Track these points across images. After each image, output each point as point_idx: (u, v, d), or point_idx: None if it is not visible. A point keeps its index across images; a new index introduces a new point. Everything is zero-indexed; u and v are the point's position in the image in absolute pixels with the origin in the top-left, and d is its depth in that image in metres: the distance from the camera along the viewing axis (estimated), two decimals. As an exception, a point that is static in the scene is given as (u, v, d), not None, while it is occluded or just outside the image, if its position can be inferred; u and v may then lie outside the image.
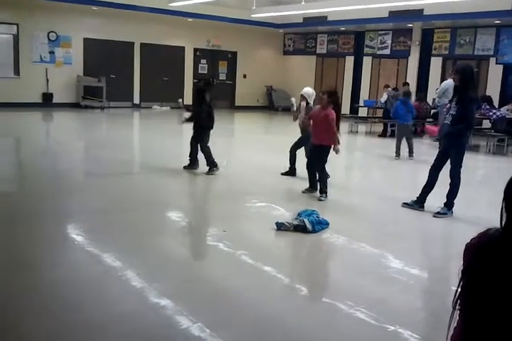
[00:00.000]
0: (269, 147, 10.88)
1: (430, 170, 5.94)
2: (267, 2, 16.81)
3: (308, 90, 7.38)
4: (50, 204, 5.82)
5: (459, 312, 1.41)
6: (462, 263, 1.40)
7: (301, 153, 7.43)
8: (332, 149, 6.37)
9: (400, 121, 10.09)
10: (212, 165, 7.54)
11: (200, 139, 7.57)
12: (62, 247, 4.43)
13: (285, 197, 6.65)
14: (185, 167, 7.77)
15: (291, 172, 7.66)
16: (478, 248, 1.37)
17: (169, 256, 4.35)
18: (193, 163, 7.76)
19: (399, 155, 9.88)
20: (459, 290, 1.40)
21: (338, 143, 6.37)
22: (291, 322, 3.23)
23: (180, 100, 7.65)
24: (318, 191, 6.48)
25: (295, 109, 7.57)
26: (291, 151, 7.58)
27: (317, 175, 6.53)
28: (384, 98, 13.89)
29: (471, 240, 1.42)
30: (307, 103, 7.25)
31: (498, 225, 1.36)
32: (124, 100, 17.88)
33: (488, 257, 1.32)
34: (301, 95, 7.34)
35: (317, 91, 7.24)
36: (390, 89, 14.08)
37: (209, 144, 7.57)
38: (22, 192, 6.48)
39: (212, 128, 7.62)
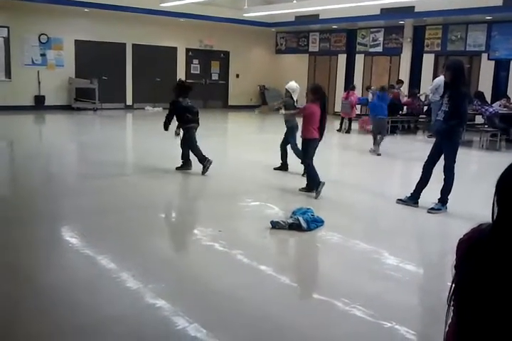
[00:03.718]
0: (262, 145, 10.86)
1: (424, 166, 5.95)
2: (258, 1, 16.82)
3: (292, 85, 7.65)
4: (44, 207, 5.79)
5: (453, 308, 1.41)
6: (455, 259, 1.40)
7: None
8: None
9: (376, 114, 10.33)
10: (204, 160, 7.45)
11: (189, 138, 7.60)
12: (57, 250, 4.41)
13: (279, 196, 6.65)
14: (177, 168, 7.74)
15: (284, 167, 7.87)
16: (469, 243, 1.36)
17: (164, 257, 4.34)
18: (186, 164, 7.74)
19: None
20: (453, 286, 1.39)
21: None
22: (287, 320, 3.23)
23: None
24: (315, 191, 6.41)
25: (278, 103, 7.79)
26: (281, 147, 7.81)
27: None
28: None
29: (463, 236, 1.41)
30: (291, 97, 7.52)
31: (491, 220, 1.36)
32: (117, 101, 17.83)
33: (479, 253, 1.31)
34: (286, 89, 7.64)
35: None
36: (373, 87, 14.50)
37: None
38: (15, 195, 6.45)
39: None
